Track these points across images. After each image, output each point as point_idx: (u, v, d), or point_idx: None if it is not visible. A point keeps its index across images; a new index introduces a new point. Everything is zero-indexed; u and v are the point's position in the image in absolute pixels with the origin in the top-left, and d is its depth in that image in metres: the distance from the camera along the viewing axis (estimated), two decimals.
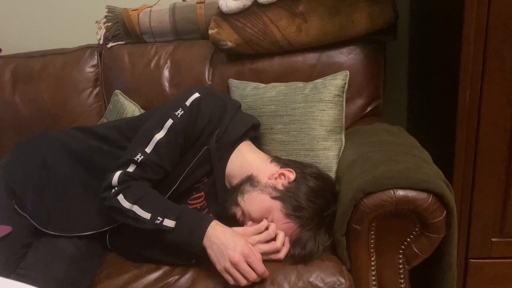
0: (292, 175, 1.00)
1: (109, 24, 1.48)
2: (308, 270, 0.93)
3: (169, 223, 0.92)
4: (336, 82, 1.15)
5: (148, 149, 0.98)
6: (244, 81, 1.30)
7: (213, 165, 1.05)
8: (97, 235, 1.05)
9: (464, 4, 0.96)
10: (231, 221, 1.02)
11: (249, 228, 0.96)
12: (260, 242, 0.93)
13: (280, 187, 0.99)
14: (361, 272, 0.96)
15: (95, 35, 1.50)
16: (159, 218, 0.92)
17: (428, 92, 1.33)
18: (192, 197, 1.07)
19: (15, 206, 1.02)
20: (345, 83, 1.16)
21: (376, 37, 1.27)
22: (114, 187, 0.96)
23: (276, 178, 1.01)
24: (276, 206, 0.97)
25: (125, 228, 0.99)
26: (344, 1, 1.21)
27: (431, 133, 1.28)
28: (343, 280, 0.93)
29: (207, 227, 0.91)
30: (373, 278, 0.96)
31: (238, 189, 1.03)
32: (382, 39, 1.30)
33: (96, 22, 1.51)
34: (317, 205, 0.97)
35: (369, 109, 1.31)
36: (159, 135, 0.98)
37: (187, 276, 0.97)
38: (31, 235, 1.01)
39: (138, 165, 0.97)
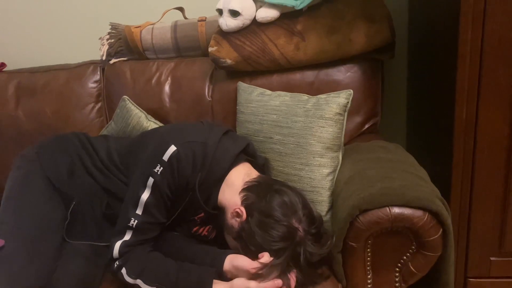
0: (244, 214, 0.96)
1: (112, 40, 1.51)
2: None
3: None
4: (339, 100, 1.14)
5: (139, 211, 0.98)
6: (251, 86, 1.31)
7: (202, 206, 1.02)
8: None
9: (459, 25, 0.97)
10: None
11: (252, 284, 0.91)
12: None
13: (236, 227, 0.97)
14: None
15: (98, 51, 1.52)
16: None
17: (426, 110, 1.34)
18: (193, 230, 1.07)
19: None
20: (348, 102, 1.14)
21: (373, 55, 1.29)
22: (116, 260, 0.98)
23: (234, 217, 0.98)
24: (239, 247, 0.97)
25: None
26: (342, 20, 1.23)
27: (429, 151, 1.29)
28: None
29: None
30: None
31: (222, 226, 1.03)
32: (379, 58, 1.31)
33: (100, 38, 1.54)
34: (272, 245, 0.91)
35: (366, 126, 1.32)
36: (145, 195, 0.97)
37: None
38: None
39: (135, 229, 0.98)
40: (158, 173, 0.97)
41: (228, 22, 1.25)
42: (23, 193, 1.08)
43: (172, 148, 0.97)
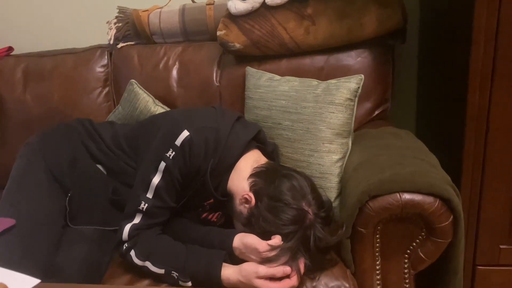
0: (252, 200, 0.96)
1: (120, 24, 1.50)
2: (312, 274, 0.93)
3: (185, 284, 0.94)
4: (350, 85, 1.12)
5: (149, 195, 0.97)
6: (260, 71, 1.29)
7: (211, 193, 1.02)
8: None
9: (474, 10, 0.95)
10: None
11: (260, 269, 0.90)
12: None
13: (245, 213, 0.97)
14: (365, 276, 0.95)
15: (105, 35, 1.52)
16: (173, 272, 0.94)
17: (437, 96, 1.32)
18: (203, 216, 1.07)
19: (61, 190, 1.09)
20: (358, 88, 1.13)
21: (384, 40, 1.27)
22: (124, 242, 0.98)
23: (242, 203, 0.98)
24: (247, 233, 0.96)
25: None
26: (353, 5, 1.21)
27: (440, 138, 1.27)
28: (347, 285, 0.92)
29: (220, 277, 0.92)
30: (378, 282, 0.96)
31: (231, 213, 1.03)
32: (390, 43, 1.30)
33: (107, 22, 1.53)
34: (282, 229, 0.91)
35: (376, 112, 1.31)
36: (156, 179, 0.97)
37: None
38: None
39: (145, 213, 0.97)
40: (170, 157, 0.96)
41: (237, 5, 1.24)
42: (22, 186, 1.08)
43: (185, 133, 0.97)
